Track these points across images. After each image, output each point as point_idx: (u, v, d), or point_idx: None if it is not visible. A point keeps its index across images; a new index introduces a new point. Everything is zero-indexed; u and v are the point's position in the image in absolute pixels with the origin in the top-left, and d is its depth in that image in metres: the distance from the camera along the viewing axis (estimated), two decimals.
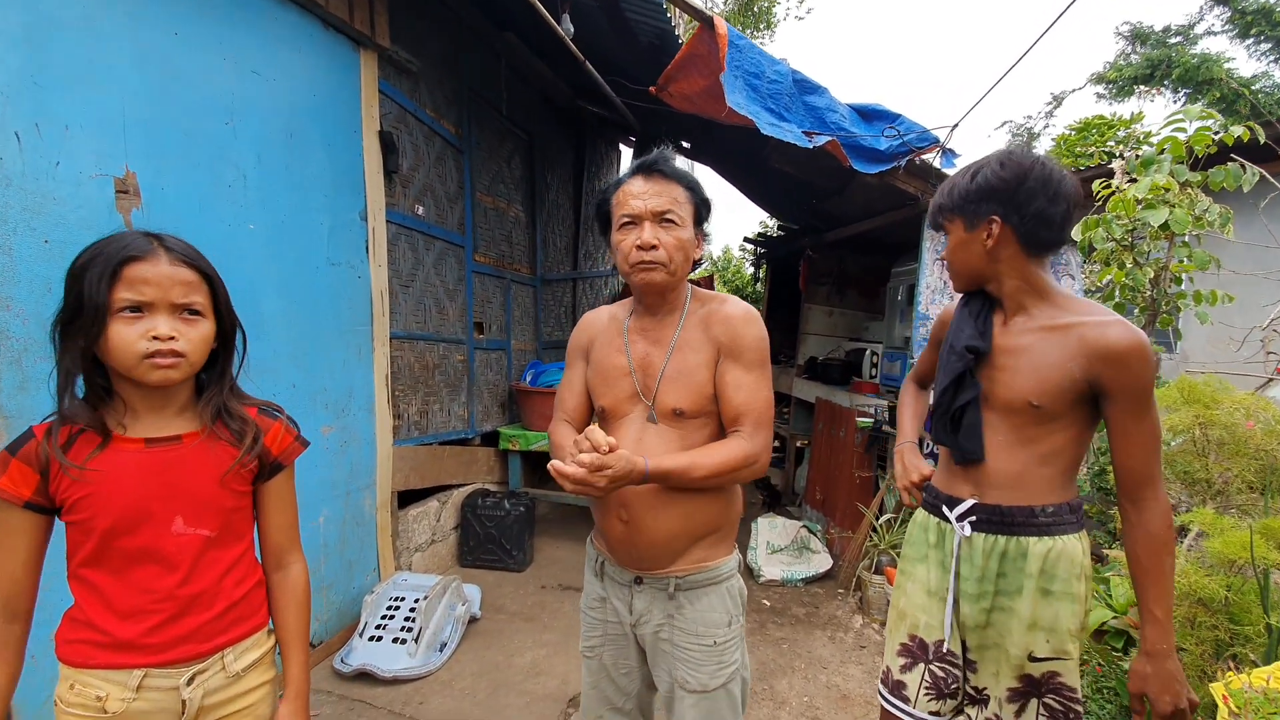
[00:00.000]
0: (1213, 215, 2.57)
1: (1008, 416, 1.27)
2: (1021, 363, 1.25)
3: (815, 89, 2.89)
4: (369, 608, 2.80)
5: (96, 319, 0.93)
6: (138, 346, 0.95)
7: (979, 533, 1.30)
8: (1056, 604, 1.26)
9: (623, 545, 1.35)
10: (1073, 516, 1.28)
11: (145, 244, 0.98)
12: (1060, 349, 1.20)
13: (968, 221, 1.29)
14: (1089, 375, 1.18)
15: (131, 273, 0.95)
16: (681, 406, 1.31)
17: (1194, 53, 11.81)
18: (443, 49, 3.55)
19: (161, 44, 2.02)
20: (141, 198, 1.98)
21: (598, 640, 1.47)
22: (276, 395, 2.41)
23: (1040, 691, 1.29)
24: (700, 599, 1.35)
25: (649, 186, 1.29)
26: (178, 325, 0.99)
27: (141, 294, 0.95)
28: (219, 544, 1.09)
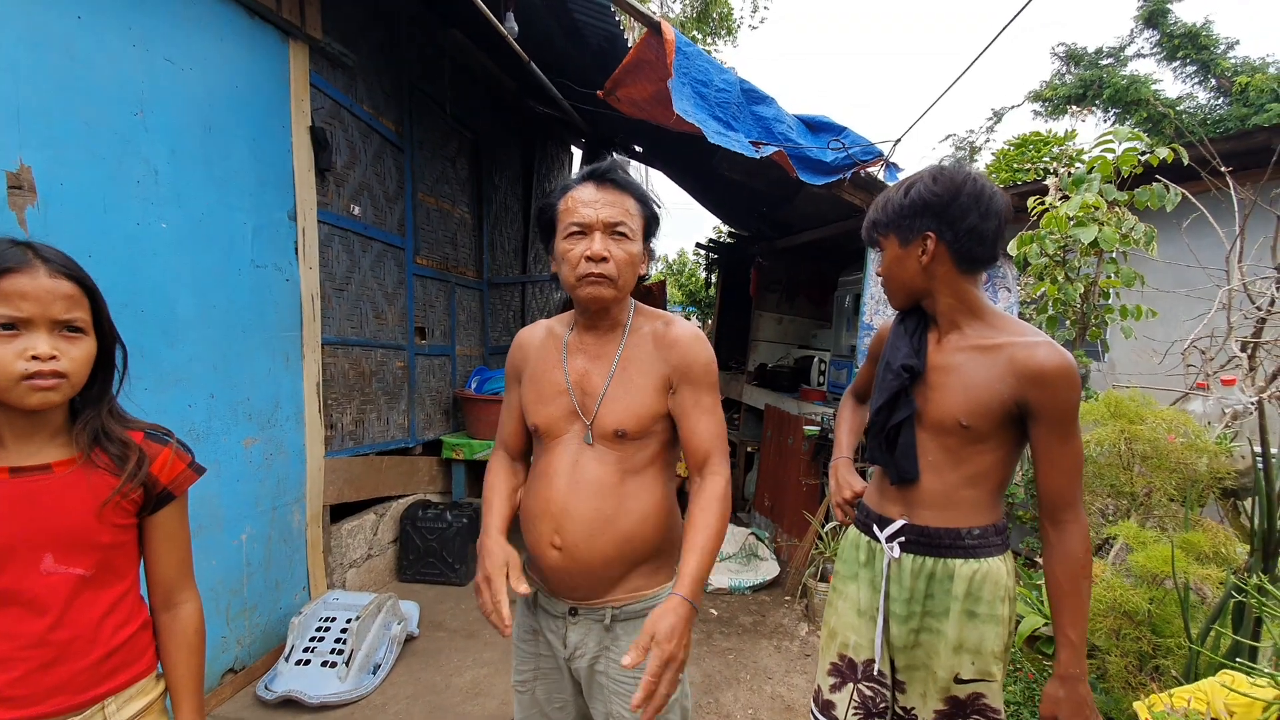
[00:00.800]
0: (1138, 233, 2.68)
1: (938, 436, 1.25)
2: (952, 381, 1.23)
3: (763, 99, 2.88)
4: (296, 630, 2.65)
5: None
6: (15, 367, 0.86)
7: (907, 554, 1.29)
8: (981, 626, 1.25)
9: (556, 574, 1.28)
10: (998, 538, 1.28)
11: (20, 254, 0.88)
12: (989, 369, 1.20)
13: (901, 237, 1.27)
14: (1017, 396, 1.17)
15: (7, 286, 0.86)
16: (624, 428, 1.25)
17: (1124, 74, 12.45)
18: (382, 43, 3.41)
19: (60, 27, 1.85)
20: (38, 194, 1.81)
21: (529, 674, 1.40)
22: (193, 406, 2.28)
23: (965, 713, 1.28)
24: (635, 630, 1.28)
25: (601, 195, 1.23)
26: (58, 343, 0.90)
27: (18, 309, 0.86)
28: (96, 584, 0.98)
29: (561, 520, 1.24)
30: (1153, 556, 1.65)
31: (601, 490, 1.24)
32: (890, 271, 1.32)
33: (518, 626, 1.42)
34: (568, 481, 1.26)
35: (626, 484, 1.26)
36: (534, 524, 1.30)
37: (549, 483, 1.27)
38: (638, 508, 1.26)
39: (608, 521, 1.24)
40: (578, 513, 1.24)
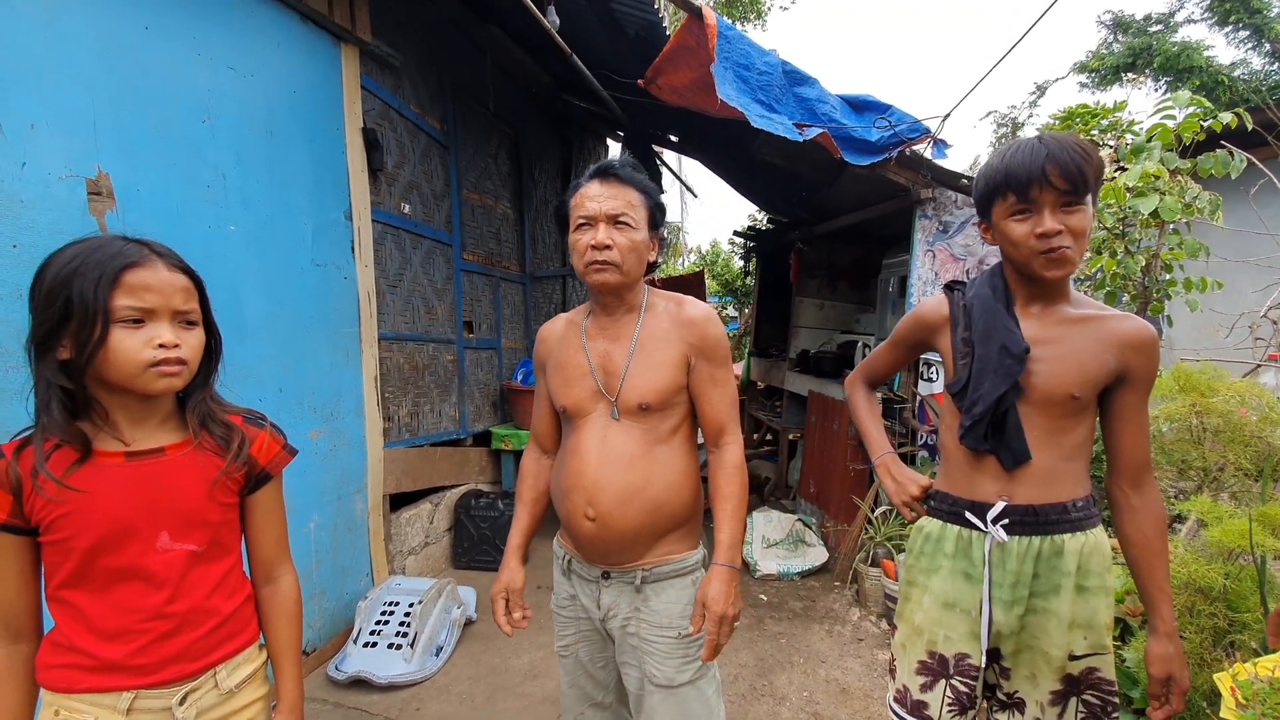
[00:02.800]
0: (1202, 202, 2.57)
1: (1045, 410, 1.24)
2: (1061, 353, 1.22)
3: (806, 80, 2.86)
4: (363, 614, 2.76)
5: (98, 328, 0.89)
6: (143, 355, 0.92)
7: (1014, 535, 1.27)
8: (1093, 599, 1.25)
9: (591, 542, 1.37)
10: (1095, 509, 1.28)
11: (139, 250, 0.95)
12: (1094, 340, 1.21)
13: (1095, 199, 1.21)
14: (1120, 365, 1.20)
15: (132, 279, 0.92)
16: (648, 401, 1.34)
17: (1174, 41, 11.91)
18: (426, 43, 3.49)
19: (130, 39, 1.95)
20: (116, 200, 1.92)
21: (571, 638, 1.50)
22: (262, 400, 2.38)
23: (1079, 689, 1.27)
24: (665, 591, 1.38)
25: (604, 190, 1.32)
26: (178, 333, 0.97)
27: (144, 301, 0.93)
28: (206, 559, 1.05)
29: (594, 492, 1.33)
30: (1228, 531, 1.60)
31: (630, 462, 1.34)
32: (1087, 232, 1.18)
33: (556, 594, 1.53)
34: (598, 456, 1.35)
35: (653, 454, 1.35)
36: (567, 498, 1.39)
37: (580, 458, 1.36)
38: (664, 476, 1.36)
39: (637, 490, 1.33)
40: (609, 484, 1.33)
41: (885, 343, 1.56)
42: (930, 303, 1.43)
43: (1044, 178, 1.14)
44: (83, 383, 0.94)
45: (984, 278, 1.34)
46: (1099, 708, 1.26)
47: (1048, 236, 1.16)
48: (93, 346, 0.89)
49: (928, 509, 1.43)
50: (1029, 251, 1.19)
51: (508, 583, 1.48)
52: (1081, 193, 1.14)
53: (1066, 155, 1.13)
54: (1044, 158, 1.14)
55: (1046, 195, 1.15)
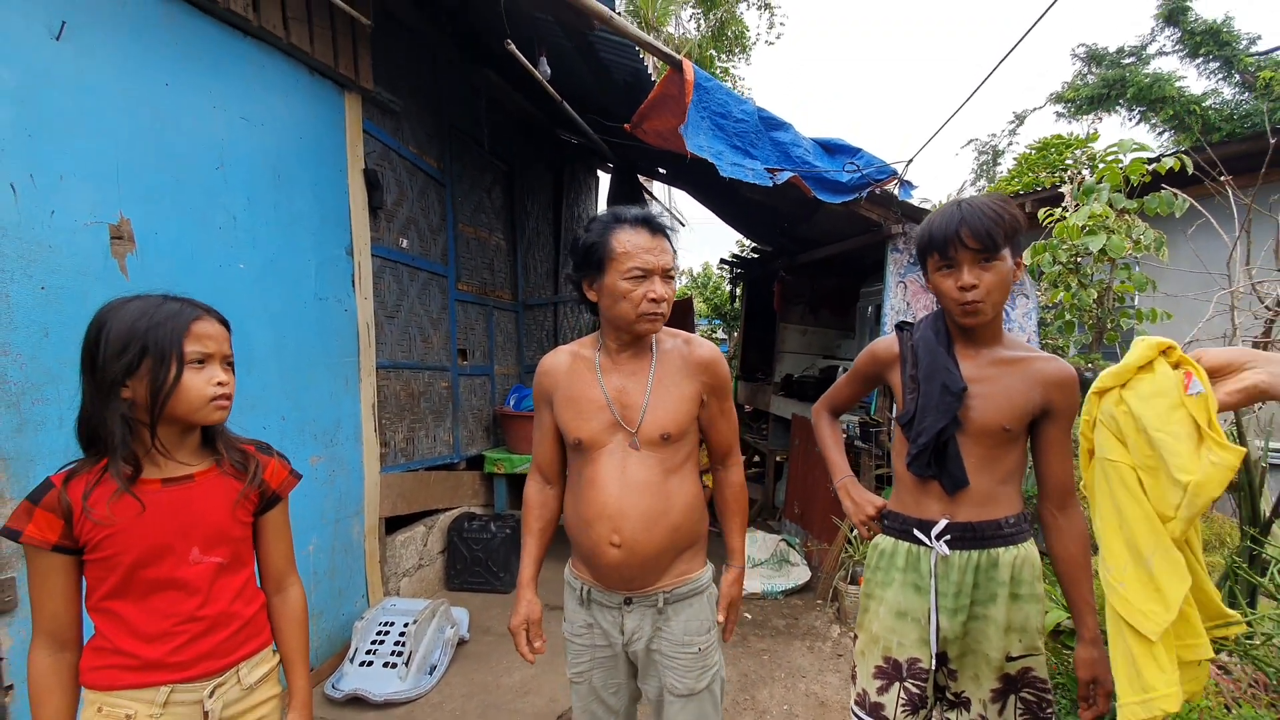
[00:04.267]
0: (1148, 239, 2.78)
1: (981, 440, 1.40)
2: (993, 391, 1.39)
3: (781, 125, 3.06)
4: (359, 633, 2.86)
5: (173, 370, 1.07)
6: (207, 391, 1.10)
7: (955, 550, 1.42)
8: (1025, 606, 1.40)
9: (615, 569, 1.43)
10: (1026, 525, 1.44)
11: (194, 308, 1.14)
12: (1022, 379, 1.38)
13: (1014, 253, 1.35)
14: (1045, 400, 1.37)
15: (198, 329, 1.11)
16: (669, 431, 1.44)
17: (1147, 72, 12.35)
18: (424, 87, 3.68)
19: (152, 94, 2.11)
20: (136, 243, 2.06)
21: (585, 665, 1.55)
22: (267, 428, 2.52)
23: (1016, 687, 1.42)
24: (684, 610, 1.49)
25: (656, 243, 1.40)
26: (226, 373, 1.15)
27: (206, 347, 1.11)
28: (230, 570, 1.20)
29: (619, 520, 1.41)
30: None
31: (651, 489, 1.43)
32: (1005, 283, 1.34)
33: (570, 623, 1.58)
34: (620, 485, 1.42)
35: (669, 481, 1.45)
36: (590, 528, 1.44)
37: (601, 489, 1.43)
38: (681, 501, 1.46)
39: (660, 515, 1.42)
40: (634, 511, 1.41)
41: (846, 376, 1.72)
42: (884, 341, 1.60)
43: (959, 239, 1.33)
44: (147, 418, 1.09)
45: (929, 321, 1.50)
46: (1035, 704, 1.41)
47: (965, 289, 1.34)
48: (169, 385, 1.07)
49: (882, 527, 1.58)
50: (951, 302, 1.39)
51: (527, 614, 1.55)
52: (994, 249, 1.31)
53: (977, 219, 1.31)
54: (958, 222, 1.33)
55: (963, 254, 1.34)
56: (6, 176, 1.73)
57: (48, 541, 1.05)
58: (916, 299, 3.46)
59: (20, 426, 1.76)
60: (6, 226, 1.73)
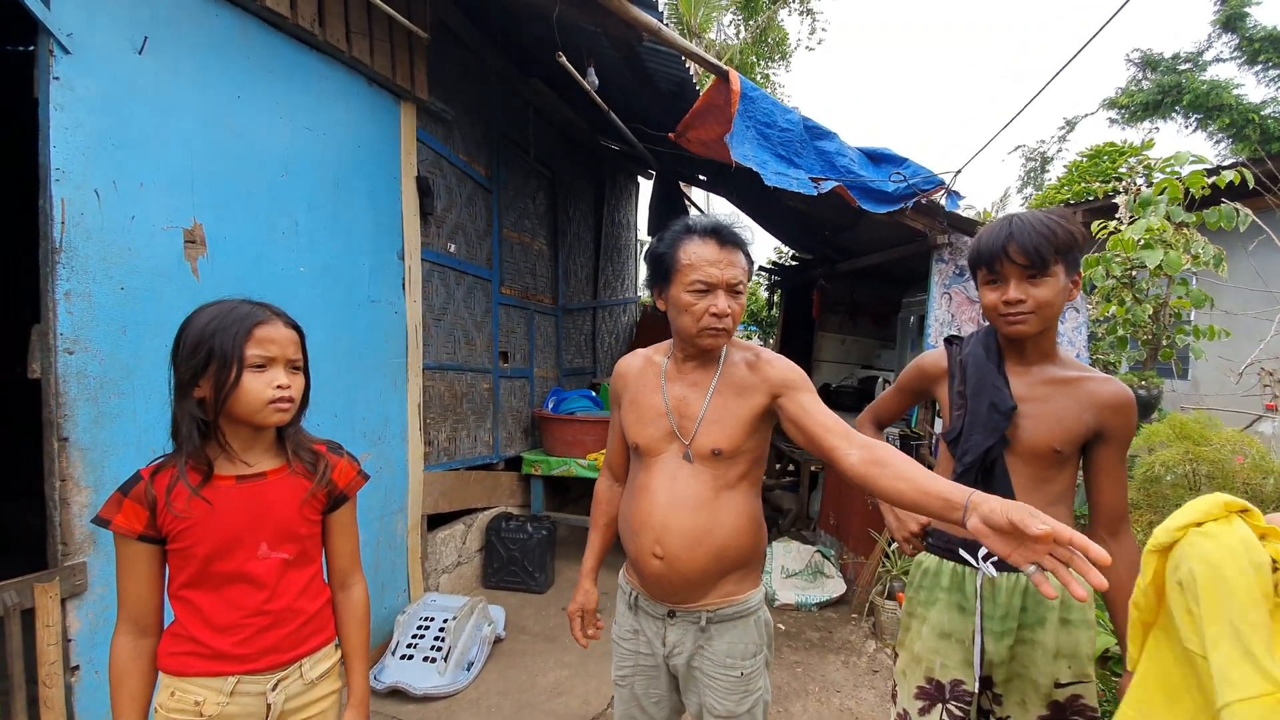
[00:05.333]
0: (1208, 255, 2.69)
1: (1030, 461, 1.37)
2: (1045, 411, 1.36)
3: (826, 135, 3.06)
4: (401, 627, 2.94)
5: (233, 371, 1.11)
6: (266, 394, 1.14)
7: (1002, 572, 1.39)
8: (1075, 631, 1.36)
9: (657, 581, 1.41)
10: None
11: (263, 311, 1.17)
12: (1074, 399, 1.35)
13: (1069, 268, 1.31)
14: (1098, 423, 1.33)
15: (261, 333, 1.14)
16: (720, 447, 1.38)
17: (1203, 79, 11.93)
18: (475, 97, 3.78)
19: (226, 106, 2.22)
20: (207, 247, 2.17)
21: (629, 670, 1.54)
22: (321, 425, 2.61)
23: (1065, 715, 1.37)
24: (729, 631, 1.43)
25: (723, 255, 1.34)
26: (290, 376, 1.18)
27: (268, 350, 1.14)
28: (296, 566, 1.24)
29: (662, 533, 1.38)
30: None
31: (698, 505, 1.38)
32: (1054, 300, 1.31)
33: (619, 626, 1.58)
34: (667, 497, 1.39)
35: (720, 499, 1.39)
36: (635, 536, 1.44)
37: (649, 498, 1.41)
38: (731, 521, 1.39)
39: (705, 533, 1.37)
40: (677, 526, 1.37)
41: (891, 388, 1.72)
42: (931, 355, 1.58)
43: (1006, 254, 1.32)
44: (212, 417, 1.15)
45: (979, 337, 1.49)
46: None
47: (1009, 304, 1.33)
48: (229, 386, 1.11)
49: (926, 545, 1.57)
50: (995, 315, 1.37)
51: (583, 603, 1.60)
52: (1042, 266, 1.30)
53: (1026, 235, 1.30)
54: (1006, 237, 1.32)
55: (1010, 269, 1.33)
56: (91, 183, 1.84)
57: (134, 531, 1.12)
58: (961, 310, 3.41)
59: (98, 419, 1.87)
60: (91, 230, 1.83)
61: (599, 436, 4.30)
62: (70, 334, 1.79)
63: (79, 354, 1.81)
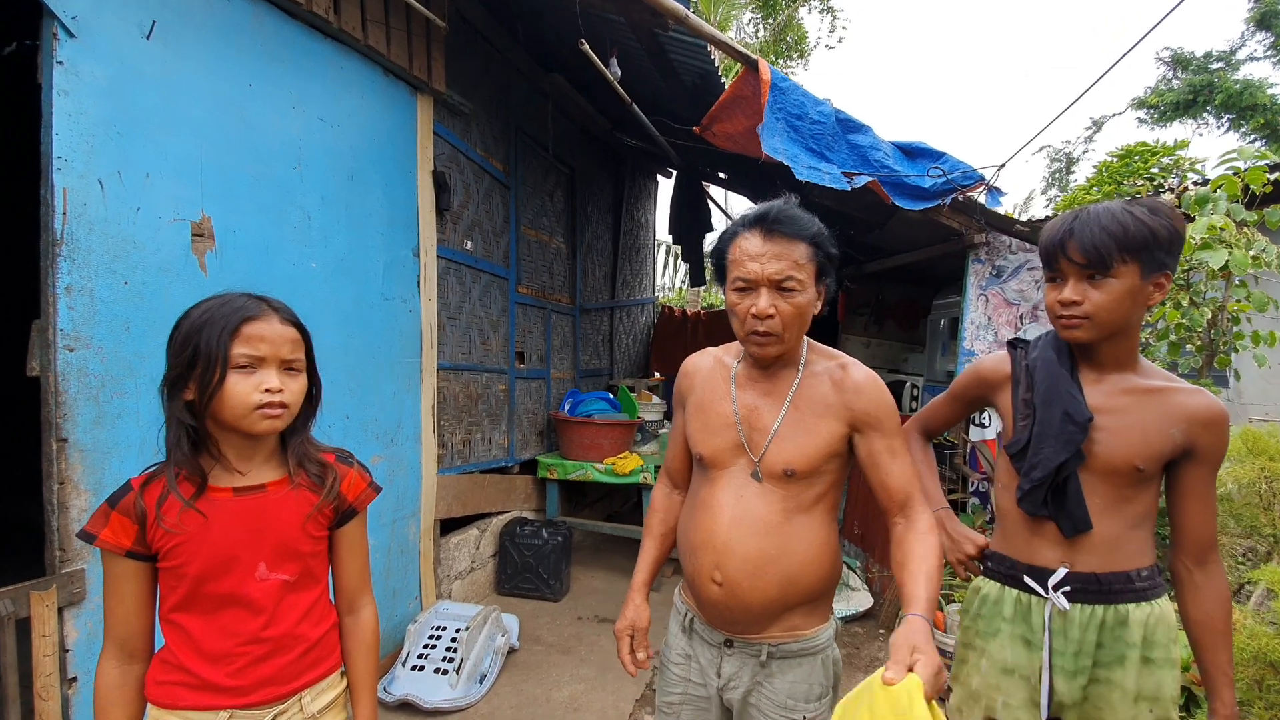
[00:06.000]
0: (1270, 255, 2.52)
1: (1108, 479, 1.24)
2: (1125, 424, 1.23)
3: (859, 128, 2.92)
4: (412, 636, 2.84)
5: (217, 372, 1.00)
6: (252, 398, 1.02)
7: (1075, 603, 1.26)
8: (1158, 672, 1.23)
9: (715, 608, 1.29)
10: (1161, 578, 1.27)
11: (257, 306, 1.06)
12: (1159, 412, 1.21)
13: (1145, 268, 1.17)
14: (1186, 440, 1.20)
15: (249, 330, 1.02)
16: (794, 467, 1.24)
17: (1236, 78, 11.61)
18: (493, 91, 3.69)
19: (236, 95, 2.13)
20: (215, 241, 2.08)
21: (677, 698, 1.39)
22: (332, 427, 2.52)
23: None
24: (792, 669, 1.28)
25: (768, 248, 1.18)
26: (283, 379, 1.06)
27: (257, 350, 1.02)
28: (298, 588, 1.13)
29: (723, 556, 1.25)
30: None
31: (766, 528, 1.24)
32: (1119, 304, 1.17)
33: (669, 648, 1.43)
34: (731, 516, 1.26)
35: (791, 523, 1.25)
36: (694, 555, 1.31)
37: (712, 515, 1.28)
38: (801, 548, 1.24)
39: (771, 561, 1.23)
40: (741, 550, 1.24)
41: (943, 395, 1.58)
42: (991, 359, 1.45)
43: (1063, 252, 1.20)
44: (203, 422, 1.05)
45: (1048, 340, 1.35)
46: None
47: (1064, 305, 1.21)
48: (212, 387, 1.00)
49: (984, 569, 1.43)
50: (1052, 316, 1.26)
51: (634, 620, 1.41)
52: (1103, 266, 1.16)
53: (1088, 232, 1.17)
54: (1065, 234, 1.20)
55: (1068, 267, 1.20)
56: (95, 172, 1.75)
57: (121, 546, 1.01)
58: (998, 314, 3.26)
59: (99, 419, 1.78)
60: (94, 222, 1.75)
61: (616, 440, 4.18)
62: (71, 330, 1.70)
63: (80, 351, 1.73)
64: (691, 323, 6.80)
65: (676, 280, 12.88)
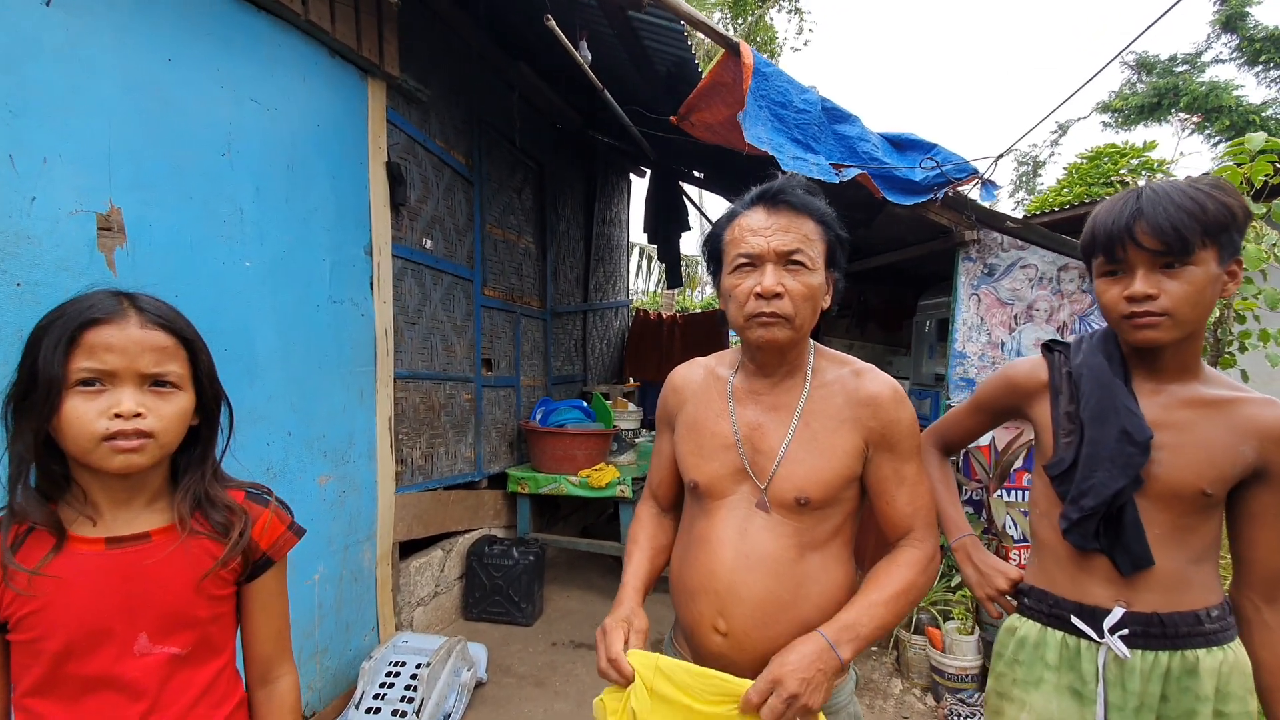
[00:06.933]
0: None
1: (1169, 506, 1.06)
2: (1188, 442, 1.05)
3: (846, 118, 2.74)
4: (366, 675, 2.56)
5: (50, 393, 0.76)
6: (95, 426, 0.78)
7: (1136, 649, 1.07)
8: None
9: (718, 662, 1.09)
10: (1232, 618, 1.09)
11: (112, 304, 0.82)
12: (1227, 427, 1.03)
13: (1223, 254, 1.00)
14: (1260, 459, 1.02)
15: (93, 338, 0.78)
16: (808, 495, 1.07)
17: (1201, 80, 11.82)
18: (454, 78, 3.43)
19: (152, 70, 1.87)
20: (126, 235, 1.81)
21: None
22: (270, 444, 2.24)
23: None
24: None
25: (773, 220, 1.06)
26: (146, 400, 0.82)
27: (103, 362, 0.79)
28: (192, 662, 0.89)
29: (727, 601, 1.07)
30: None
31: (776, 568, 1.06)
32: (1201, 296, 0.99)
33: None
34: (735, 554, 1.08)
35: (806, 561, 1.08)
36: (692, 601, 1.13)
37: (712, 554, 1.10)
38: (818, 591, 1.07)
39: (783, 607, 1.06)
40: (748, 594, 1.06)
41: (965, 404, 1.39)
42: (1025, 364, 1.26)
43: (1130, 237, 0.99)
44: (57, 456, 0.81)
45: (1094, 343, 1.16)
46: None
47: (1135, 300, 1.00)
48: (46, 414, 0.77)
49: (1019, 606, 1.24)
50: (1116, 317, 1.05)
51: (629, 616, 1.11)
52: (1183, 252, 0.97)
53: (1162, 210, 0.97)
54: (1133, 213, 0.99)
55: (1138, 255, 1.00)
56: None
57: None
58: (991, 314, 3.10)
59: None
60: None
61: (591, 451, 3.95)
62: None
63: None
64: (668, 326, 6.60)
65: (651, 283, 12.69)
